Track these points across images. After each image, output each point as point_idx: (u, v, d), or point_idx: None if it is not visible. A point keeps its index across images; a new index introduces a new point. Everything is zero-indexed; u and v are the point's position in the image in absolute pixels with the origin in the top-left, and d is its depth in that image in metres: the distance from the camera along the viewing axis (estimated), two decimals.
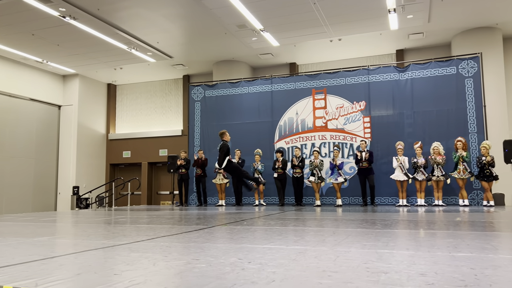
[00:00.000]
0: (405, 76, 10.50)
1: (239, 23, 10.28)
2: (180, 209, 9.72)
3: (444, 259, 2.49)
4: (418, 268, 2.22)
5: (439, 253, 2.75)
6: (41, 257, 2.78)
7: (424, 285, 1.85)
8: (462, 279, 1.94)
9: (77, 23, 10.04)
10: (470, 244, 3.14)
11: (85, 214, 8.07)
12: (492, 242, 3.29)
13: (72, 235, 4.40)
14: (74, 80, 14.84)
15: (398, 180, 9.38)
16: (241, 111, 11.89)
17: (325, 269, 2.24)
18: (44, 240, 3.84)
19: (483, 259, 2.48)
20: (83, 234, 4.33)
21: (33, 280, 2.04)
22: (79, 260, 2.67)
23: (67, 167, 14.57)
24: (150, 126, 15.76)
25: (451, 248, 2.97)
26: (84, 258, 2.75)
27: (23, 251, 3.11)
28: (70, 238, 4.09)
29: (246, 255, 2.76)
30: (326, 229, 4.51)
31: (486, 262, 2.40)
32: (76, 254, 2.93)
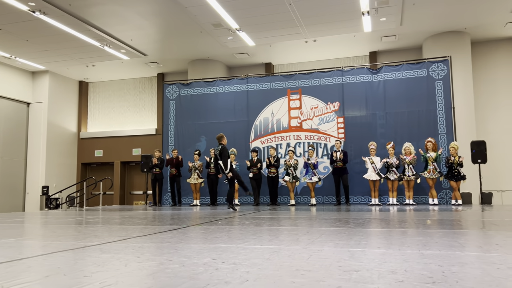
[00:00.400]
0: (377, 77, 10.70)
1: (215, 22, 10.23)
2: (154, 209, 9.59)
3: (413, 257, 2.56)
4: (389, 266, 2.27)
5: (409, 251, 2.82)
6: (8, 259, 2.69)
7: (394, 282, 1.89)
8: (430, 276, 2.00)
9: (48, 18, 9.76)
10: (439, 242, 3.23)
11: (55, 215, 7.86)
12: (459, 240, 3.40)
13: (41, 237, 4.27)
14: (44, 77, 14.41)
15: (370, 179, 9.56)
16: (217, 110, 11.83)
17: (298, 268, 2.26)
18: (11, 241, 3.72)
19: (450, 257, 2.56)
20: (52, 235, 4.22)
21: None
22: (48, 262, 2.60)
23: (36, 166, 14.14)
24: (123, 124, 15.48)
25: (421, 246, 3.05)
26: (53, 260, 2.67)
27: None
28: (39, 240, 3.98)
29: (220, 255, 2.76)
30: (300, 228, 4.55)
31: (453, 259, 2.48)
32: (45, 256, 2.84)
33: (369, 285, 1.85)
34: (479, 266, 2.28)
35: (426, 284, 1.85)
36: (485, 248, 2.95)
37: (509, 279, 1.93)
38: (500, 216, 6.08)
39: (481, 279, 1.96)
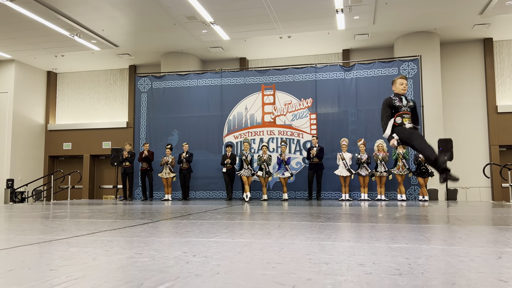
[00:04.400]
0: (350, 75, 10.86)
1: (189, 15, 10.11)
2: (124, 203, 9.43)
3: (381, 250, 2.62)
4: (358, 259, 2.32)
5: (377, 244, 2.88)
6: None
7: (363, 274, 1.93)
8: (397, 268, 2.05)
9: (14, 5, 9.38)
10: (406, 236, 3.32)
11: (20, 209, 7.60)
12: (425, 234, 3.51)
13: (5, 230, 4.12)
14: (9, 66, 13.87)
15: (341, 175, 9.72)
16: (190, 104, 11.72)
17: (269, 260, 2.28)
18: None
19: (417, 250, 2.64)
20: (17, 229, 4.08)
21: None
22: (11, 255, 2.51)
23: (0, 158, 13.61)
24: (93, 117, 15.11)
25: (389, 239, 3.12)
26: (17, 253, 2.59)
27: None
28: (2, 233, 3.83)
29: (191, 248, 2.74)
30: (272, 222, 4.58)
31: (419, 252, 2.55)
32: (8, 249, 2.74)
33: (339, 277, 1.88)
34: (444, 258, 2.35)
35: (393, 276, 1.89)
36: (449, 242, 3.06)
37: (471, 271, 2.00)
38: (464, 211, 6.31)
39: (445, 270, 2.03)
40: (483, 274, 1.93)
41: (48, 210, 7.18)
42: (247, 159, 9.73)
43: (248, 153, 9.89)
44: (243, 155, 9.82)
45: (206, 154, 11.27)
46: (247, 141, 9.99)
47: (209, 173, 11.18)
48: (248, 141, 10.00)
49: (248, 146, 9.97)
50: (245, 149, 9.93)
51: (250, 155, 9.88)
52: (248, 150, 9.95)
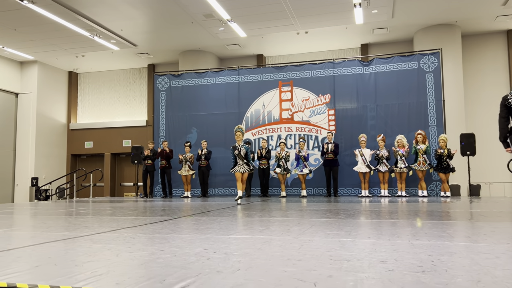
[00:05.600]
0: (369, 70, 10.73)
1: (206, 13, 10.15)
2: (145, 200, 9.57)
3: (403, 247, 2.59)
4: (379, 256, 2.30)
5: (399, 241, 2.85)
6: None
7: (384, 271, 1.91)
8: (420, 265, 2.03)
9: (36, 7, 9.59)
10: (428, 233, 3.27)
11: (45, 206, 7.79)
12: (448, 230, 3.45)
13: (31, 227, 4.24)
14: (32, 67, 14.20)
15: (360, 171, 9.63)
16: (208, 102, 11.78)
17: (289, 257, 2.28)
18: (0, 232, 3.68)
19: (439, 247, 2.60)
20: (42, 226, 4.19)
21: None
22: (37, 252, 2.58)
23: (25, 157, 13.98)
24: (114, 116, 15.35)
25: (410, 236, 3.08)
26: (43, 250, 2.66)
27: None
28: (29, 230, 3.94)
29: (211, 245, 2.76)
30: (291, 219, 4.57)
31: (442, 249, 2.51)
32: (35, 246, 2.82)
33: (360, 274, 1.87)
34: (468, 255, 2.31)
35: (416, 273, 1.87)
36: (473, 238, 3.00)
37: (497, 268, 1.96)
38: (488, 207, 6.17)
39: (470, 268, 1.99)
40: (509, 271, 1.89)
41: (71, 207, 7.34)
42: (241, 153, 7.60)
43: (241, 146, 7.63)
44: (235, 148, 7.64)
45: (224, 152, 11.32)
46: (240, 130, 7.65)
47: (228, 170, 11.16)
48: (240, 130, 7.65)
49: (241, 136, 7.63)
50: (238, 141, 7.65)
51: (245, 148, 7.63)
52: (241, 141, 7.69)
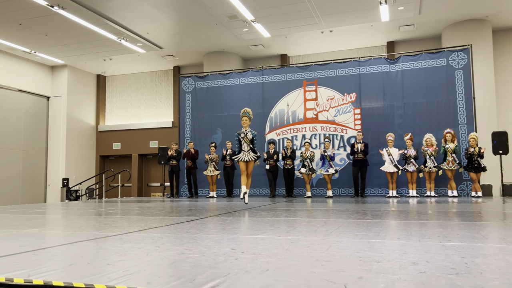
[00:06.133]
0: (395, 68, 10.54)
1: (230, 14, 10.20)
2: (171, 200, 9.70)
3: (435, 248, 2.53)
4: (410, 257, 2.25)
5: (429, 242, 2.78)
6: (33, 248, 2.76)
7: (416, 273, 1.87)
8: (453, 268, 1.97)
9: (66, 12, 9.88)
10: (460, 234, 3.18)
11: (75, 206, 8.02)
12: (481, 231, 3.35)
13: (63, 227, 4.36)
14: (62, 71, 14.63)
15: (388, 171, 9.47)
16: (232, 102, 11.85)
17: (318, 258, 2.26)
18: (35, 231, 3.81)
19: (473, 248, 2.52)
20: (74, 226, 4.31)
21: (26, 271, 2.02)
22: (71, 251, 2.65)
23: (56, 158, 14.42)
24: (140, 117, 15.64)
25: (442, 237, 3.01)
26: (76, 249, 2.73)
27: (13, 242, 3.08)
28: (61, 230, 4.06)
29: (239, 245, 2.77)
30: (317, 219, 4.54)
31: (476, 251, 2.44)
32: (68, 245, 2.91)
33: (391, 275, 1.84)
34: (503, 257, 2.24)
35: (449, 275, 1.82)
36: (508, 240, 2.90)
37: None
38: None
39: (506, 270, 1.92)
40: None
41: (100, 207, 7.52)
42: (247, 136, 6.52)
43: (248, 131, 6.57)
44: (242, 132, 6.58)
45: None
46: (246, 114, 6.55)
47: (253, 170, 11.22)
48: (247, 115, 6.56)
49: (247, 122, 6.54)
50: (244, 127, 6.56)
51: (252, 133, 6.58)
52: (248, 127, 6.59)
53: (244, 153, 6.52)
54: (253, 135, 6.58)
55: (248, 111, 6.61)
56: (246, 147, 6.52)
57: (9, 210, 7.06)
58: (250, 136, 6.54)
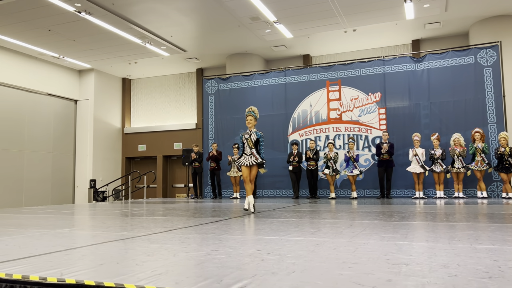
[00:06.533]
0: (421, 66, 10.33)
1: (252, 16, 10.23)
2: (195, 201, 9.79)
3: (465, 251, 2.46)
4: (440, 260, 2.20)
5: (460, 245, 2.71)
6: (64, 248, 2.84)
7: (447, 276, 1.83)
8: (485, 271, 1.92)
9: (92, 18, 10.12)
10: (491, 236, 3.09)
11: (103, 207, 8.19)
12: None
13: (92, 227, 4.47)
14: (89, 75, 14.99)
15: (414, 172, 9.28)
16: (255, 103, 11.81)
17: (345, 260, 2.24)
18: (65, 231, 3.91)
19: (505, 251, 2.45)
20: (102, 226, 4.40)
21: (58, 270, 2.08)
22: (100, 251, 2.72)
23: (84, 160, 14.79)
24: (165, 119, 15.86)
25: (472, 240, 2.93)
26: (105, 249, 2.79)
27: (45, 242, 3.17)
28: (90, 230, 4.16)
29: (264, 246, 2.77)
30: (343, 221, 4.49)
31: (509, 254, 2.37)
32: (97, 245, 2.97)
33: (421, 278, 1.80)
34: None
35: (482, 279, 1.77)
36: None
37: None
38: None
39: None
40: None
41: (126, 208, 7.66)
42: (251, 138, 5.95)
43: (253, 131, 6.01)
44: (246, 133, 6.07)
45: (272, 153, 11.34)
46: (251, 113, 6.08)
47: (276, 171, 11.24)
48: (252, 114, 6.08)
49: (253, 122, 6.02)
50: (249, 127, 6.05)
51: (257, 135, 5.99)
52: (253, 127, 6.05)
53: (246, 156, 5.87)
54: (258, 137, 5.97)
55: (253, 110, 6.10)
56: (249, 150, 5.90)
57: (40, 210, 7.28)
58: (254, 138, 5.93)
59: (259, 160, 5.81)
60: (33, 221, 5.09)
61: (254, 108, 6.12)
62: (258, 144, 5.95)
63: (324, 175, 10.11)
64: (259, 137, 5.95)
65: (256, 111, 6.12)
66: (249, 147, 5.89)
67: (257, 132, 5.98)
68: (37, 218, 5.62)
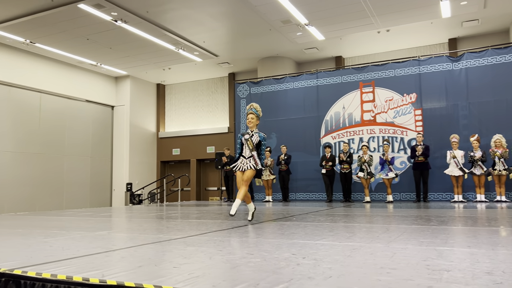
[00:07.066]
0: (459, 65, 10.00)
1: (284, 19, 10.23)
2: (228, 204, 9.86)
3: (511, 258, 2.36)
4: (483, 266, 2.12)
5: (504, 251, 2.60)
6: (104, 250, 2.93)
7: (492, 284, 1.76)
8: None
9: (128, 26, 10.43)
10: None
11: (139, 210, 8.40)
12: None
13: (130, 230, 4.59)
14: (125, 81, 15.44)
15: (452, 175, 8.98)
16: (287, 107, 11.85)
17: (382, 265, 2.19)
18: (104, 234, 4.04)
19: None
20: (139, 229, 4.51)
21: (99, 271, 2.15)
22: (139, 253, 2.78)
23: (120, 164, 15.22)
24: (198, 123, 16.10)
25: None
26: (143, 251, 2.86)
27: (86, 244, 3.29)
28: (128, 232, 4.27)
29: (299, 250, 2.76)
30: (378, 225, 4.40)
31: None
32: (136, 247, 3.05)
33: (463, 286, 1.74)
34: None
35: None
36: None
37: None
38: None
39: None
40: None
41: (162, 211, 7.82)
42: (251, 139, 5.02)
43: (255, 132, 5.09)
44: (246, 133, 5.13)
45: (304, 156, 11.28)
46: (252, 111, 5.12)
47: (308, 174, 11.17)
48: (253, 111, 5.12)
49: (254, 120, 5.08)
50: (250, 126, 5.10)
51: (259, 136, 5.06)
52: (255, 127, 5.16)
53: (244, 160, 5.02)
54: (261, 139, 5.04)
55: (254, 107, 5.15)
56: (248, 152, 5.00)
57: (80, 213, 7.55)
58: (256, 140, 5.02)
59: (258, 166, 4.98)
60: (74, 224, 5.29)
61: (256, 105, 5.21)
62: (260, 147, 5.07)
63: (358, 178, 9.95)
64: (261, 140, 5.06)
65: (258, 108, 5.18)
66: (249, 149, 5.00)
67: (260, 133, 5.09)
68: (77, 220, 5.83)
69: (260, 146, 5.04)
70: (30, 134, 12.59)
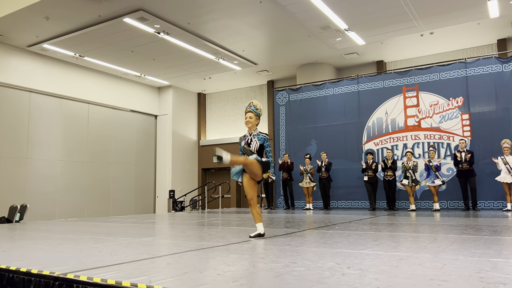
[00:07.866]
0: (509, 67, 9.51)
1: (323, 25, 10.17)
2: (268, 212, 9.85)
3: None
4: None
5: None
6: (150, 256, 3.00)
7: None
8: None
9: (170, 37, 10.74)
10: None
11: (181, 216, 8.56)
12: None
13: (174, 236, 4.68)
14: (168, 91, 15.89)
15: (504, 182, 8.51)
16: (327, 113, 11.72)
17: (432, 277, 2.11)
18: (150, 240, 4.15)
19: None
20: (183, 235, 4.59)
21: (147, 277, 2.21)
22: (183, 259, 2.83)
23: (163, 172, 15.62)
24: (237, 131, 16.24)
25: None
26: (188, 257, 2.91)
27: (133, 250, 3.38)
28: (172, 239, 4.36)
29: (343, 260, 2.70)
30: (425, 235, 4.24)
31: None
32: (180, 254, 3.11)
33: None
34: None
35: None
36: None
37: None
38: None
39: None
40: None
41: (203, 218, 7.93)
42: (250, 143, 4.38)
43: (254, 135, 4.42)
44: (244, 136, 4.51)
45: (346, 163, 11.09)
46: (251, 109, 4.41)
47: (350, 182, 10.95)
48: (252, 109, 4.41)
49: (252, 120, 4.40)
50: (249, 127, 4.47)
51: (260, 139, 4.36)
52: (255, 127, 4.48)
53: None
54: (262, 142, 4.30)
55: (254, 104, 4.39)
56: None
57: (125, 219, 7.80)
58: (256, 145, 4.29)
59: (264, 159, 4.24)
60: (120, 230, 5.47)
61: (256, 102, 4.42)
62: (263, 151, 4.33)
63: (403, 185, 9.64)
64: (262, 143, 4.30)
65: (258, 106, 4.41)
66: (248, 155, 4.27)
67: (259, 135, 4.33)
68: (123, 226, 6.02)
69: (264, 150, 4.32)
70: (79, 144, 13.19)
